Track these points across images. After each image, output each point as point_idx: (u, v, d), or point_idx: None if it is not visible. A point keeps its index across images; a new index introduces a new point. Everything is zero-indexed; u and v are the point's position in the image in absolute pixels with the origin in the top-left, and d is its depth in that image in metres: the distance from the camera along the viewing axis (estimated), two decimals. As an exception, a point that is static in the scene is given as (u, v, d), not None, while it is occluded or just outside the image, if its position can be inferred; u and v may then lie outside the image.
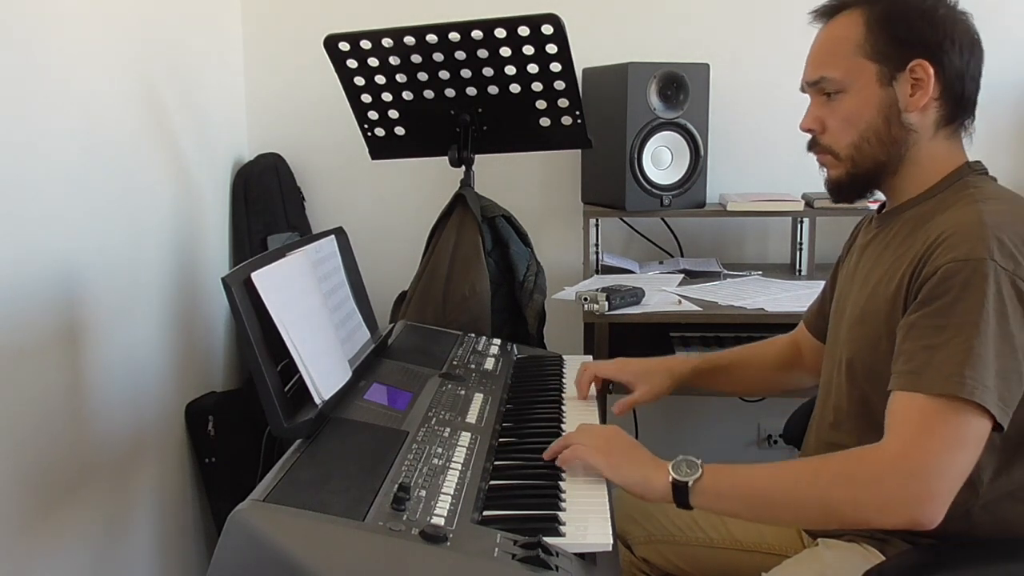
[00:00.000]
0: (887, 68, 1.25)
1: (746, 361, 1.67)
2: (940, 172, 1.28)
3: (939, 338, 1.12)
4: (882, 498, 1.11)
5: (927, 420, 1.11)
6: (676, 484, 1.18)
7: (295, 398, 1.30)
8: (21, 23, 1.54)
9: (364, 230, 2.33)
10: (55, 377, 1.63)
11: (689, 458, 1.20)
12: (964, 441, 1.10)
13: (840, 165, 1.31)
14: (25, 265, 1.53)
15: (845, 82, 1.27)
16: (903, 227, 1.28)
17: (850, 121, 1.28)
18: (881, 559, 1.25)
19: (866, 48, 1.25)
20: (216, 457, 2.22)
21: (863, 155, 1.28)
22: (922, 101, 1.24)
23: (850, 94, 1.27)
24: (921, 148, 1.27)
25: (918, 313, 1.16)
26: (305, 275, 1.43)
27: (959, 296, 1.12)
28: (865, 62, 1.26)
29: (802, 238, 2.49)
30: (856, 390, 1.31)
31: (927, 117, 1.26)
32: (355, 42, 1.97)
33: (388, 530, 1.02)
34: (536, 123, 2.04)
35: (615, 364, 1.66)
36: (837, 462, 1.17)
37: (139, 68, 1.97)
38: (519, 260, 2.10)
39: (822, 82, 1.29)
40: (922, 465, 1.10)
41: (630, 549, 1.60)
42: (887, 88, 1.25)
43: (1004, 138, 2.54)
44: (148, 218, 2.00)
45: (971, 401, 1.09)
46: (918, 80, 1.24)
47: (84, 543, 1.72)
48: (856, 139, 1.28)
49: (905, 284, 1.20)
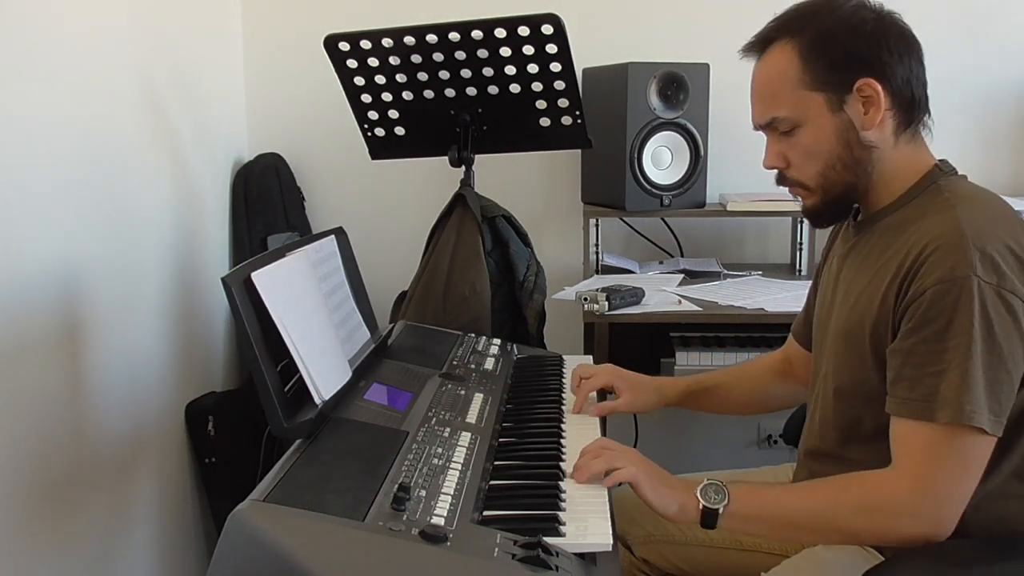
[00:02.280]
0: (834, 95, 1.24)
1: (736, 381, 1.66)
2: (910, 177, 1.28)
3: (939, 364, 1.14)
4: (900, 529, 1.17)
5: (935, 449, 1.15)
6: (707, 511, 1.21)
7: (295, 398, 1.30)
8: (21, 23, 1.54)
9: (364, 230, 2.33)
10: (55, 377, 1.63)
11: (715, 482, 1.22)
12: (970, 466, 1.15)
13: (812, 195, 1.31)
14: (25, 265, 1.53)
15: (796, 118, 1.26)
16: (881, 237, 1.29)
17: (811, 153, 1.27)
18: (881, 559, 1.25)
19: (807, 80, 1.24)
20: (216, 457, 2.22)
21: (832, 182, 1.28)
22: (877, 117, 1.23)
23: (805, 128, 1.26)
24: (886, 160, 1.27)
25: (913, 339, 1.17)
26: (305, 275, 1.43)
27: (951, 319, 1.13)
28: (810, 94, 1.24)
29: (802, 238, 2.49)
30: (840, 402, 1.32)
31: (885, 130, 1.25)
32: (355, 42, 1.97)
33: (388, 530, 1.02)
34: (536, 123, 2.04)
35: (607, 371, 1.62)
36: (855, 494, 1.20)
37: (139, 68, 1.97)
38: (519, 260, 2.10)
39: (774, 122, 1.29)
40: (935, 496, 1.15)
41: (630, 549, 1.60)
42: (840, 113, 1.24)
43: (1004, 138, 2.54)
44: (148, 218, 1.99)
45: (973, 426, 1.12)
46: (867, 98, 1.23)
47: (84, 543, 1.72)
48: (822, 168, 1.27)
49: (891, 301, 1.21)
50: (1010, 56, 2.49)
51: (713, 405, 1.67)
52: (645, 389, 1.61)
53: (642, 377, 1.63)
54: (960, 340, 1.13)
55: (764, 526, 1.26)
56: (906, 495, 1.16)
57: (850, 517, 1.20)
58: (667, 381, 1.67)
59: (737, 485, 1.23)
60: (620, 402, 1.59)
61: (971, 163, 1.43)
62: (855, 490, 1.21)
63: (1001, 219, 1.21)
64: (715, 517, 1.21)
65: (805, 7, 1.29)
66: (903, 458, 1.18)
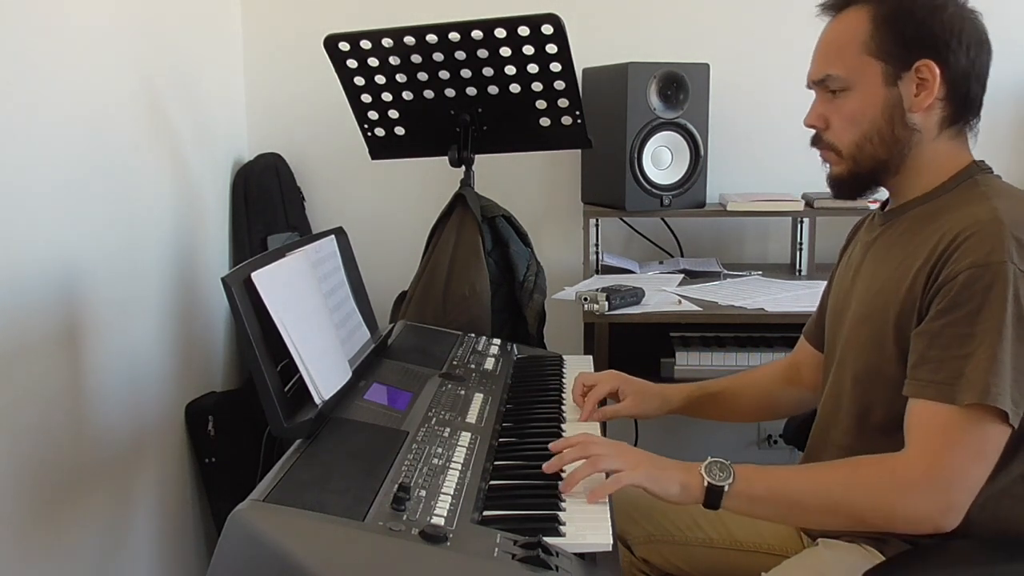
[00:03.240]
0: (892, 67, 1.24)
1: (741, 388, 1.64)
2: (946, 171, 1.27)
3: (967, 348, 1.13)
4: (909, 513, 1.15)
5: (952, 432, 1.13)
6: (712, 488, 1.19)
7: (295, 398, 1.30)
8: (21, 23, 1.54)
9: (364, 230, 2.33)
10: (55, 377, 1.63)
11: (719, 460, 1.21)
12: (985, 452, 1.14)
13: (842, 162, 1.31)
14: (25, 265, 1.53)
15: (850, 80, 1.26)
16: (910, 225, 1.28)
17: (854, 120, 1.27)
18: (881, 559, 1.25)
19: (872, 46, 1.25)
20: (216, 457, 2.22)
21: (865, 154, 1.28)
22: (927, 101, 1.24)
23: (855, 92, 1.26)
24: (925, 148, 1.27)
25: (942, 321, 1.16)
26: (305, 275, 1.43)
27: (982, 304, 1.12)
28: (871, 60, 1.25)
29: (802, 238, 2.49)
30: (857, 388, 1.31)
31: (931, 117, 1.25)
32: (355, 42, 1.97)
33: (388, 530, 1.02)
34: (536, 123, 2.04)
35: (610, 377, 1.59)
36: (867, 473, 1.19)
37: (139, 68, 1.97)
38: (519, 260, 2.10)
39: (827, 80, 1.29)
40: (948, 481, 1.13)
41: (630, 549, 1.60)
42: (892, 88, 1.25)
43: (1004, 138, 2.54)
44: (148, 218, 1.99)
45: (994, 408, 1.11)
46: (923, 80, 1.23)
47: (84, 543, 1.72)
48: (859, 138, 1.27)
49: (920, 285, 1.20)
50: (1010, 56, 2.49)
51: (718, 413, 1.64)
52: (649, 394, 1.59)
53: (646, 384, 1.61)
54: (990, 325, 1.12)
55: (769, 507, 1.22)
56: (919, 474, 1.14)
57: (859, 497, 1.18)
58: (672, 387, 1.63)
59: (742, 465, 1.21)
60: (623, 406, 1.57)
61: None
62: (866, 470, 1.19)
63: None
64: (720, 495, 1.19)
65: None
66: (919, 439, 1.16)
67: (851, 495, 1.18)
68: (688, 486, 1.21)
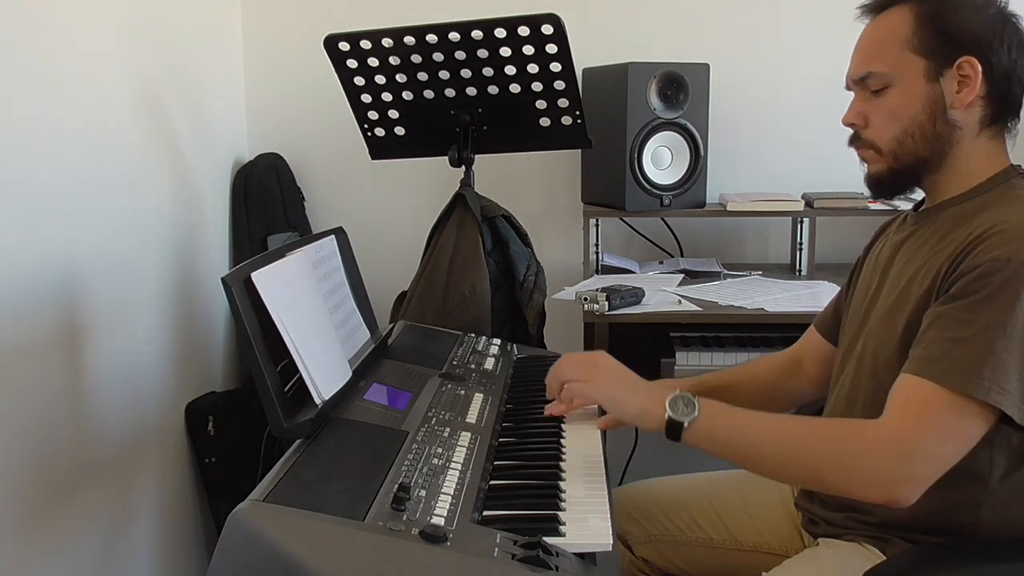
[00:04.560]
0: (935, 64, 1.24)
1: (743, 382, 1.62)
2: (984, 172, 1.27)
3: (964, 332, 1.12)
4: (868, 474, 1.13)
5: (929, 408, 1.12)
6: (671, 422, 1.20)
7: (295, 398, 1.30)
8: (21, 23, 1.54)
9: (364, 230, 2.33)
10: (55, 377, 1.63)
11: (686, 395, 1.21)
12: (959, 436, 1.12)
13: (881, 160, 1.30)
14: (25, 265, 1.53)
15: (892, 76, 1.26)
16: (943, 224, 1.27)
17: (895, 115, 1.27)
18: (882, 559, 1.25)
19: (914, 43, 1.25)
20: (216, 457, 2.22)
21: (905, 150, 1.28)
22: (968, 98, 1.24)
23: (896, 88, 1.27)
24: (964, 146, 1.27)
25: (948, 305, 1.16)
26: (305, 275, 1.43)
27: (993, 295, 1.12)
28: (913, 56, 1.25)
29: (802, 238, 2.49)
30: (874, 381, 1.30)
31: (972, 115, 1.25)
32: (355, 42, 1.97)
33: (388, 530, 1.02)
34: (536, 123, 2.04)
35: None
36: (832, 431, 1.19)
37: (139, 68, 1.97)
38: (519, 260, 2.10)
39: (868, 78, 1.29)
40: (913, 451, 1.12)
41: (630, 549, 1.60)
42: (934, 84, 1.25)
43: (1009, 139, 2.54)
44: (148, 218, 2.00)
45: (982, 402, 1.10)
46: (965, 77, 1.23)
47: (84, 543, 1.72)
48: (899, 133, 1.27)
49: (940, 277, 1.20)
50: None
51: None
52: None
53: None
54: (995, 318, 1.11)
55: (728, 448, 1.22)
56: (886, 437, 1.13)
57: (819, 447, 1.17)
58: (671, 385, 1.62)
59: (711, 402, 1.21)
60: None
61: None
62: (832, 428, 1.20)
63: None
64: (679, 430, 1.19)
65: None
66: (896, 408, 1.15)
67: (811, 444, 1.17)
68: (648, 412, 1.22)
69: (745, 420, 1.22)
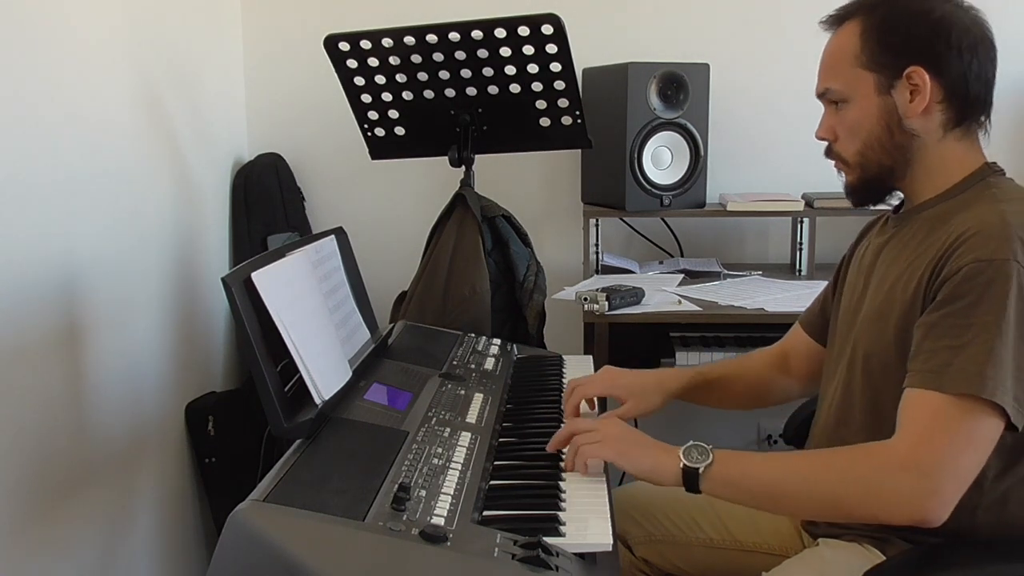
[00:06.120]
0: (884, 77, 1.26)
1: (735, 374, 1.63)
2: (958, 173, 1.28)
3: (961, 338, 1.13)
4: (890, 496, 1.12)
5: (940, 419, 1.12)
6: (687, 470, 1.20)
7: (295, 398, 1.30)
8: (21, 23, 1.54)
9: (364, 230, 2.33)
10: (55, 377, 1.63)
11: (699, 444, 1.22)
12: (975, 442, 1.12)
13: (851, 171, 1.33)
14: (25, 265, 1.53)
15: (846, 93, 1.29)
16: (922, 227, 1.28)
17: (854, 130, 1.30)
18: (881, 559, 1.25)
19: (862, 59, 1.27)
20: (216, 457, 2.22)
21: (869, 161, 1.30)
22: (921, 107, 1.25)
23: (852, 104, 1.29)
24: (930, 151, 1.28)
25: (940, 312, 1.16)
26: (305, 275, 1.44)
27: (981, 296, 1.12)
28: (863, 72, 1.27)
29: (802, 238, 2.49)
30: (869, 387, 1.30)
31: (931, 121, 1.26)
32: (355, 42, 1.97)
33: (388, 530, 1.02)
34: (536, 123, 2.04)
35: (603, 380, 1.58)
36: (847, 458, 1.18)
37: (139, 68, 1.97)
38: (519, 260, 2.10)
39: (827, 93, 1.32)
40: (931, 464, 1.11)
41: (630, 549, 1.60)
42: (886, 96, 1.26)
43: (1003, 138, 2.53)
44: (148, 218, 2.00)
45: (988, 401, 1.10)
46: (915, 86, 1.24)
47: (84, 543, 1.72)
48: (861, 147, 1.30)
49: (924, 282, 1.20)
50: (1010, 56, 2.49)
51: (714, 400, 1.64)
52: (648, 391, 1.55)
53: (642, 377, 1.57)
54: (989, 319, 1.11)
55: (747, 492, 1.22)
56: (901, 455, 1.12)
57: (837, 484, 1.16)
58: (668, 374, 1.62)
59: (723, 450, 1.22)
60: (624, 409, 1.53)
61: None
62: (846, 454, 1.19)
63: None
64: (696, 478, 1.19)
65: None
66: (906, 425, 1.14)
67: (829, 482, 1.17)
68: (662, 465, 1.22)
69: (758, 461, 1.23)
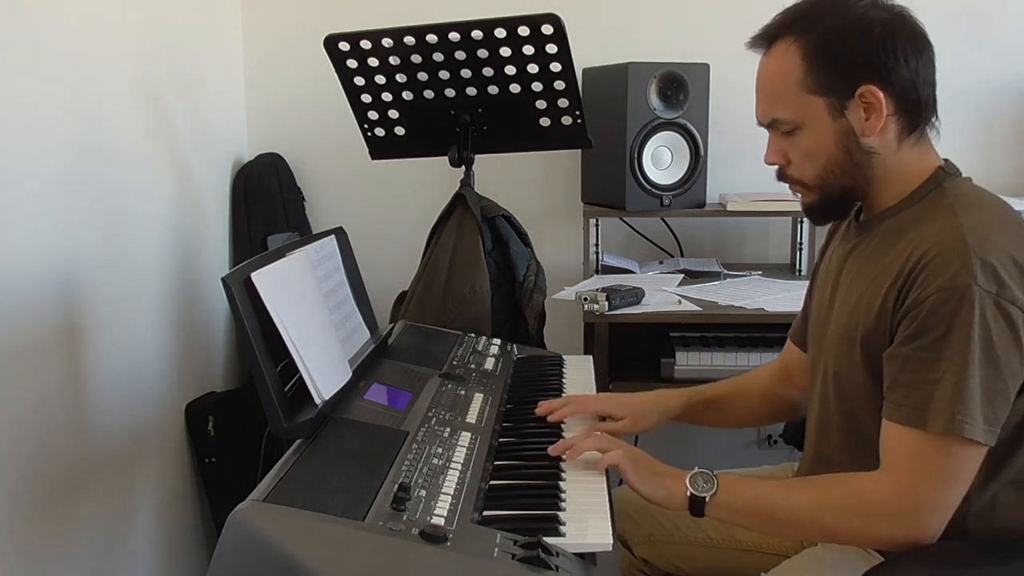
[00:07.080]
0: (835, 100, 1.22)
1: (736, 393, 1.62)
2: (915, 179, 1.26)
3: (935, 372, 1.14)
4: (880, 532, 1.19)
5: (923, 457, 1.15)
6: (694, 499, 1.23)
7: (295, 398, 1.30)
8: (21, 23, 1.54)
9: (364, 230, 2.33)
10: (55, 377, 1.63)
11: (704, 472, 1.24)
12: (957, 476, 1.15)
13: (811, 193, 1.31)
14: (25, 265, 1.53)
15: (797, 120, 1.26)
16: (883, 239, 1.27)
17: (811, 156, 1.27)
18: (880, 559, 1.25)
19: (808, 84, 1.23)
20: (216, 457, 2.22)
21: (830, 183, 1.28)
22: (879, 124, 1.22)
23: (806, 130, 1.26)
24: (888, 164, 1.26)
25: (911, 346, 1.16)
26: (305, 275, 1.44)
27: (950, 327, 1.13)
28: (812, 98, 1.23)
29: (802, 238, 2.49)
30: (843, 404, 1.31)
31: (887, 135, 1.24)
32: (355, 42, 1.97)
33: (388, 530, 1.02)
34: (536, 123, 2.04)
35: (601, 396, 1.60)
36: (840, 495, 1.21)
37: (139, 68, 1.97)
38: (519, 260, 2.10)
39: (776, 123, 1.29)
40: (918, 502, 1.15)
41: (630, 549, 1.60)
42: (840, 119, 1.23)
43: (1003, 138, 2.54)
44: (148, 218, 2.00)
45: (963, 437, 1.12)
46: (869, 104, 1.21)
47: (84, 543, 1.72)
48: (820, 171, 1.27)
49: (890, 308, 1.20)
50: (1009, 56, 2.49)
51: (713, 419, 1.63)
52: (646, 411, 1.55)
53: (642, 400, 1.57)
54: (957, 350, 1.12)
55: (749, 518, 1.26)
56: (888, 499, 1.16)
57: (831, 518, 1.21)
58: (668, 395, 1.60)
59: (728, 475, 1.24)
60: (620, 425, 1.52)
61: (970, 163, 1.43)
62: (839, 491, 1.21)
63: (1004, 226, 1.20)
64: (702, 505, 1.22)
65: (816, 3, 1.26)
66: (890, 462, 1.18)
67: (823, 516, 1.21)
68: (673, 493, 1.24)
69: (760, 491, 1.26)
